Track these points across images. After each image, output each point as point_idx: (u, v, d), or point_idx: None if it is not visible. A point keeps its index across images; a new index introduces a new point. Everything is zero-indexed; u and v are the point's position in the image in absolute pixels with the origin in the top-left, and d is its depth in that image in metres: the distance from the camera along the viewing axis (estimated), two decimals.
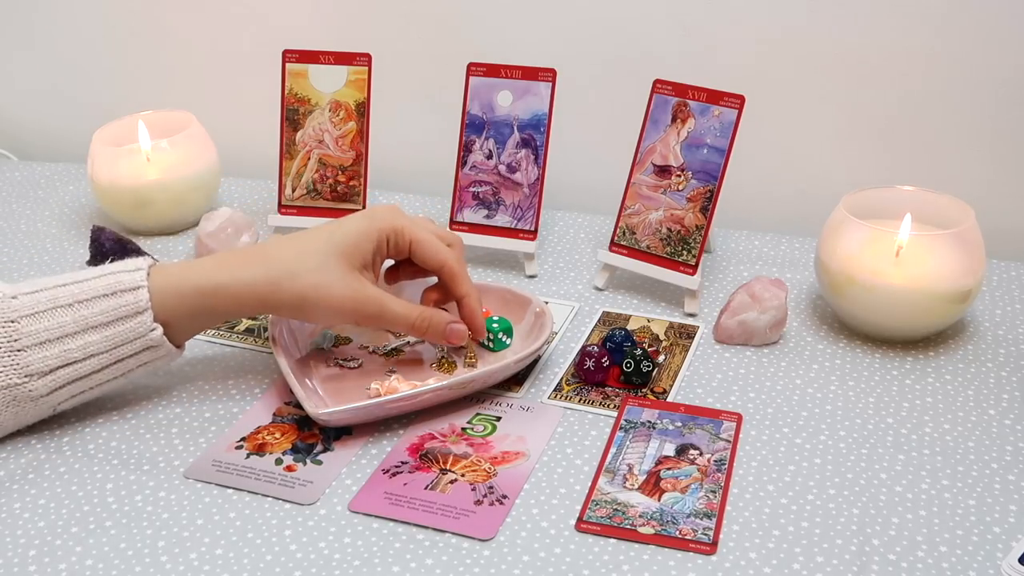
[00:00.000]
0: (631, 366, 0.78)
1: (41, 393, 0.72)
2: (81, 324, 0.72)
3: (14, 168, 1.25)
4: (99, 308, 0.72)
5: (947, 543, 0.64)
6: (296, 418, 0.76)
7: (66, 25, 1.26)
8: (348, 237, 0.75)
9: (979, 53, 0.96)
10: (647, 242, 0.90)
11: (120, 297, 0.73)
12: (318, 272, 0.74)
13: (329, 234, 0.76)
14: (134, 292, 0.73)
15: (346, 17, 1.14)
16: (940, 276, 0.80)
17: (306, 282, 0.74)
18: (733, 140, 0.85)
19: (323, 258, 0.74)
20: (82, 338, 0.72)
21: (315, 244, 0.75)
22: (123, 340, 0.73)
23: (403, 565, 0.63)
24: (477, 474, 0.70)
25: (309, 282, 0.74)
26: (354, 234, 0.76)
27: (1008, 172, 1.00)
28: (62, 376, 0.72)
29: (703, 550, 0.64)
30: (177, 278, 0.74)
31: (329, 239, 0.75)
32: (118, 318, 0.73)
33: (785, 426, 0.75)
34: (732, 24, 1.02)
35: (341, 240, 0.75)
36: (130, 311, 0.73)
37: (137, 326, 0.73)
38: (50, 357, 0.72)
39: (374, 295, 0.76)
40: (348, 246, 0.75)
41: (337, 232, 0.76)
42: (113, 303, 0.72)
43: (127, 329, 0.73)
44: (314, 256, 0.74)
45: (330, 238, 0.75)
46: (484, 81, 0.95)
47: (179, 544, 0.65)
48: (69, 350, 0.72)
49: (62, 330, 0.72)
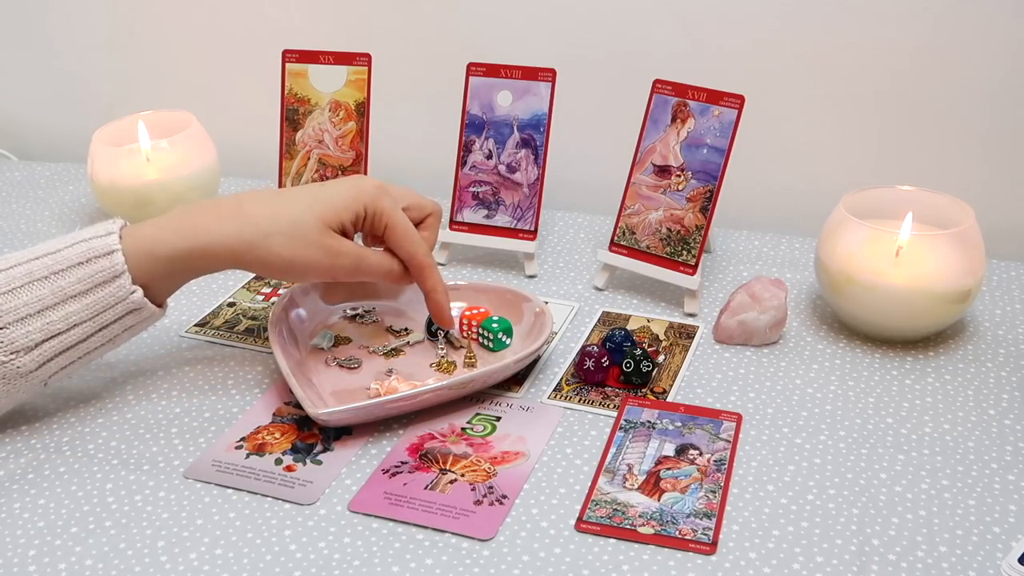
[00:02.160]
0: (631, 366, 0.78)
1: (30, 368, 0.72)
2: (60, 295, 0.72)
3: (14, 168, 1.25)
4: (76, 277, 0.72)
5: (947, 543, 0.64)
6: (296, 418, 0.76)
7: (66, 25, 1.26)
8: (328, 206, 0.75)
9: (979, 53, 0.96)
10: (647, 242, 0.90)
11: (95, 263, 0.72)
12: (293, 235, 0.74)
13: (311, 199, 0.75)
14: (108, 257, 0.72)
15: (346, 17, 1.14)
16: (940, 276, 0.80)
17: (281, 244, 0.73)
18: (733, 140, 0.85)
19: (299, 221, 0.74)
20: (63, 309, 0.72)
21: (293, 207, 0.75)
22: (105, 306, 0.73)
23: (403, 565, 0.63)
24: (477, 474, 0.70)
25: (285, 243, 0.73)
26: (337, 202, 0.75)
27: (1008, 172, 1.00)
28: (48, 349, 0.72)
29: (703, 550, 0.64)
30: (151, 241, 0.74)
31: (310, 206, 0.75)
32: (96, 284, 0.72)
33: (785, 426, 0.75)
34: (732, 24, 1.02)
35: (321, 208, 0.75)
36: (107, 276, 0.72)
37: (116, 290, 0.73)
38: (33, 332, 0.71)
39: (349, 249, 0.75)
40: (327, 212, 0.75)
41: (320, 197, 0.75)
42: (89, 270, 0.72)
43: (107, 294, 0.72)
44: (290, 219, 0.74)
45: (311, 204, 0.75)
46: (484, 81, 0.95)
47: (179, 544, 0.65)
48: (51, 322, 0.72)
49: (42, 303, 0.72)
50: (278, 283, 0.95)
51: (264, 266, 0.75)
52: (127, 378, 0.82)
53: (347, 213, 0.75)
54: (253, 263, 0.75)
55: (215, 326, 0.89)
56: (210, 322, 0.90)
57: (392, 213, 0.77)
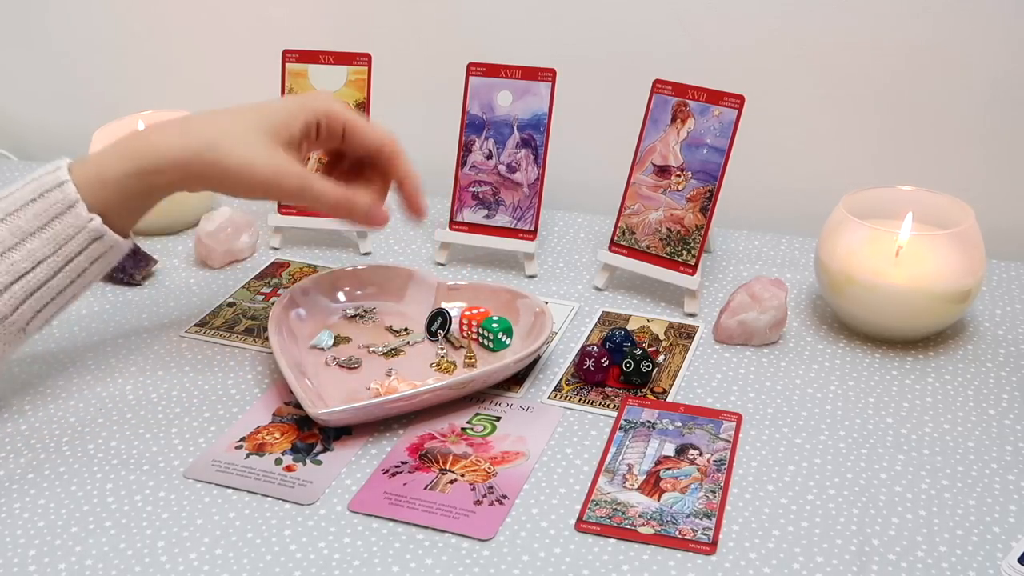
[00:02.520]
0: (631, 366, 0.78)
1: (4, 314, 0.72)
2: (18, 234, 0.72)
3: (14, 168, 1.25)
4: (31, 213, 0.72)
5: (947, 543, 0.64)
6: (296, 418, 0.76)
7: (66, 25, 1.26)
8: (276, 115, 0.75)
9: (979, 53, 0.96)
10: (647, 242, 0.90)
11: (47, 197, 0.72)
12: (241, 145, 0.73)
13: (256, 111, 0.75)
14: (60, 188, 0.72)
15: (346, 17, 1.14)
16: (940, 276, 0.80)
17: (228, 154, 0.73)
18: (733, 140, 0.85)
19: (246, 132, 0.73)
20: (24, 247, 0.72)
21: (241, 120, 0.74)
22: (65, 238, 0.72)
23: (403, 565, 0.63)
24: (477, 474, 0.70)
25: (231, 154, 0.73)
26: (282, 113, 0.75)
27: (1008, 172, 1.00)
28: (18, 291, 0.72)
29: (703, 550, 0.64)
30: (98, 168, 0.73)
31: (256, 116, 0.74)
32: (52, 218, 0.72)
33: (785, 426, 0.75)
34: (732, 24, 1.01)
35: (268, 117, 0.74)
36: (62, 208, 0.72)
37: (74, 219, 0.72)
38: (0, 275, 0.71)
39: (297, 171, 0.74)
40: (275, 124, 0.74)
41: (264, 109, 0.75)
42: (42, 205, 0.72)
43: (65, 225, 0.72)
44: (237, 130, 0.74)
45: (257, 115, 0.74)
46: (484, 81, 0.95)
47: (179, 544, 0.65)
48: (15, 263, 0.71)
49: (2, 245, 0.71)
50: (278, 283, 0.95)
51: (209, 180, 0.74)
52: (127, 378, 0.82)
53: (295, 123, 0.75)
54: (199, 178, 0.74)
55: (215, 326, 0.89)
56: (210, 322, 0.90)
57: (347, 113, 0.77)
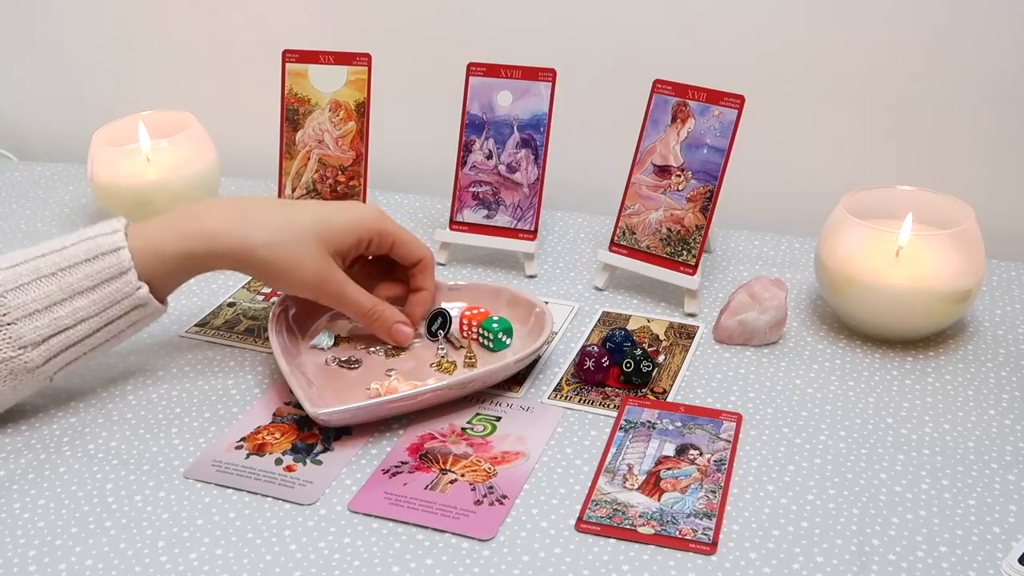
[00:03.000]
0: (631, 366, 0.78)
1: (37, 364, 0.73)
2: (67, 291, 0.73)
3: (14, 168, 1.25)
4: (83, 273, 0.74)
5: (947, 543, 0.64)
6: (296, 418, 0.76)
7: (67, 26, 1.26)
8: (333, 225, 0.79)
9: (979, 53, 0.96)
10: (647, 242, 0.90)
11: (102, 260, 0.74)
12: (296, 246, 0.77)
13: (317, 214, 0.79)
14: (115, 254, 0.74)
15: (346, 17, 1.14)
16: (940, 276, 0.80)
17: (283, 253, 0.77)
18: (733, 140, 0.85)
19: (304, 236, 0.77)
20: (70, 304, 0.73)
21: (300, 220, 0.78)
22: (111, 302, 0.74)
23: (403, 565, 0.63)
24: (477, 474, 0.70)
25: (286, 254, 0.77)
26: (340, 225, 0.79)
27: (1008, 172, 1.00)
28: (55, 344, 0.73)
29: (703, 550, 0.64)
30: (156, 240, 0.76)
31: (316, 220, 0.78)
32: (103, 280, 0.74)
33: (785, 426, 0.75)
34: (732, 24, 1.01)
35: (326, 224, 0.78)
36: (114, 272, 0.74)
37: (123, 286, 0.74)
38: (42, 327, 0.72)
39: (339, 278, 0.79)
40: (331, 234, 0.78)
41: (324, 215, 0.79)
42: (96, 267, 0.74)
43: (113, 290, 0.74)
44: (296, 232, 0.77)
45: (317, 219, 0.78)
46: (484, 81, 0.95)
47: (179, 544, 0.65)
48: (59, 318, 0.73)
49: (49, 299, 0.73)
50: None
51: (261, 272, 0.78)
52: (127, 378, 0.82)
53: (349, 237, 0.79)
54: (251, 268, 0.78)
55: (215, 326, 0.89)
56: (210, 322, 0.90)
57: (397, 230, 0.82)
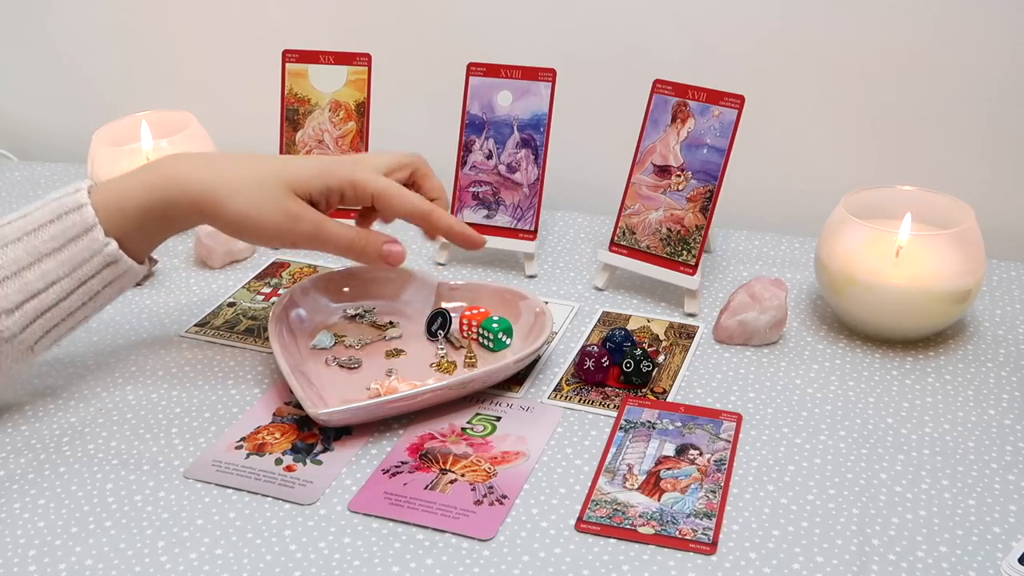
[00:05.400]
0: (631, 366, 0.78)
1: (14, 332, 0.72)
2: (34, 255, 0.72)
3: (14, 168, 1.25)
4: (48, 235, 0.73)
5: (947, 543, 0.64)
6: (296, 418, 0.76)
7: (66, 25, 1.26)
8: (297, 172, 0.76)
9: (979, 53, 0.96)
10: (647, 242, 0.90)
11: (66, 219, 0.73)
12: (259, 191, 0.74)
13: (282, 163, 0.77)
14: (79, 211, 0.73)
15: (346, 17, 1.14)
16: (940, 276, 0.80)
17: (247, 198, 0.74)
18: (733, 140, 0.85)
19: (265, 180, 0.75)
20: (39, 268, 0.72)
21: (262, 168, 0.76)
22: (80, 260, 0.73)
23: (403, 565, 0.63)
24: (477, 474, 0.70)
25: (250, 199, 0.74)
26: (304, 172, 0.76)
27: (1008, 172, 1.00)
28: (30, 310, 0.73)
29: (703, 550, 0.64)
30: (119, 195, 0.74)
31: (279, 168, 0.76)
32: (69, 240, 0.73)
33: (785, 426, 0.75)
34: (732, 24, 1.02)
35: (289, 171, 0.76)
36: (79, 231, 0.73)
37: (90, 243, 0.73)
38: (12, 293, 0.72)
39: (310, 215, 0.76)
40: (294, 179, 0.76)
41: (290, 164, 0.77)
42: (60, 227, 0.73)
43: (81, 248, 0.73)
44: (258, 178, 0.75)
45: (281, 166, 0.76)
46: (484, 81, 0.95)
47: (179, 544, 0.65)
48: (29, 282, 0.72)
49: (17, 264, 0.72)
50: (278, 283, 0.95)
51: (226, 221, 0.75)
52: (127, 378, 0.82)
53: (315, 182, 0.76)
54: (216, 217, 0.75)
55: (215, 326, 0.89)
56: (210, 322, 0.90)
57: (374, 180, 0.77)
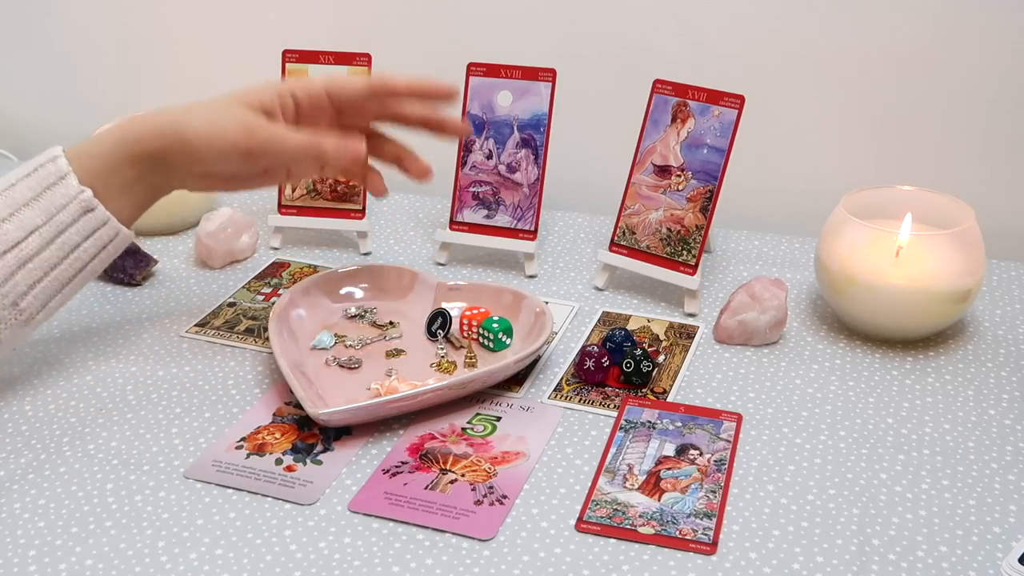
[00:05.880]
0: (631, 366, 0.78)
1: None
2: (12, 205, 0.74)
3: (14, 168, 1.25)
4: (24, 186, 0.75)
5: (947, 543, 0.64)
6: (296, 418, 0.76)
7: (67, 25, 1.26)
8: (248, 90, 0.79)
9: (979, 53, 0.96)
10: (647, 242, 0.90)
11: (41, 171, 0.75)
12: (215, 109, 0.78)
13: (232, 91, 0.80)
14: (53, 162, 0.76)
15: (346, 17, 1.14)
16: (940, 276, 0.80)
17: (200, 119, 0.77)
18: (733, 140, 0.85)
19: (220, 101, 0.78)
20: (16, 218, 0.74)
21: (217, 98, 0.79)
22: (57, 207, 0.75)
23: (403, 565, 0.63)
24: (477, 474, 0.70)
25: (203, 119, 0.77)
26: (254, 87, 0.80)
27: (1008, 172, 1.00)
28: (11, 260, 0.73)
29: (703, 550, 0.64)
30: (89, 145, 0.77)
31: (232, 93, 0.80)
32: (44, 188, 0.75)
33: (785, 426, 0.75)
34: (732, 24, 1.02)
35: (241, 91, 0.79)
36: (53, 179, 0.75)
37: (66, 190, 0.75)
38: None
39: (265, 124, 0.78)
40: (246, 95, 0.79)
41: (239, 88, 0.80)
42: (36, 178, 0.75)
43: (57, 195, 0.75)
44: (213, 101, 0.79)
45: (233, 92, 0.80)
46: (484, 81, 0.95)
47: (179, 544, 0.65)
48: (7, 232, 0.74)
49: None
50: (278, 283, 0.95)
51: (186, 142, 0.76)
52: (127, 378, 0.82)
53: (266, 90, 0.79)
54: (178, 139, 0.76)
55: (215, 326, 0.89)
56: (210, 322, 0.90)
57: (320, 78, 0.82)
